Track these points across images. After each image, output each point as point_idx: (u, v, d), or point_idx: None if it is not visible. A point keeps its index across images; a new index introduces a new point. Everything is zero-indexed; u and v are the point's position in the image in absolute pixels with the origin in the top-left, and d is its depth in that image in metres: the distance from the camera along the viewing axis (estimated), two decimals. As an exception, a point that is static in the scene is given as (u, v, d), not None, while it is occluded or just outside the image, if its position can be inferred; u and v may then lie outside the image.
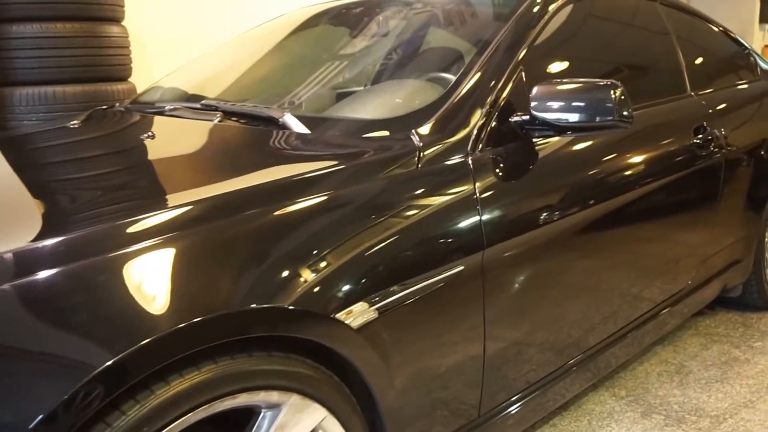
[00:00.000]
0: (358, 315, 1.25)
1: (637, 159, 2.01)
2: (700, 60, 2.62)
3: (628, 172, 1.97)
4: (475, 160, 1.56)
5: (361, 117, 1.75)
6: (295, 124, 1.67)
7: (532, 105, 1.61)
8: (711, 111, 2.44)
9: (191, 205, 1.20)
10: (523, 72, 1.76)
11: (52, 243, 1.08)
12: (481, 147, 1.59)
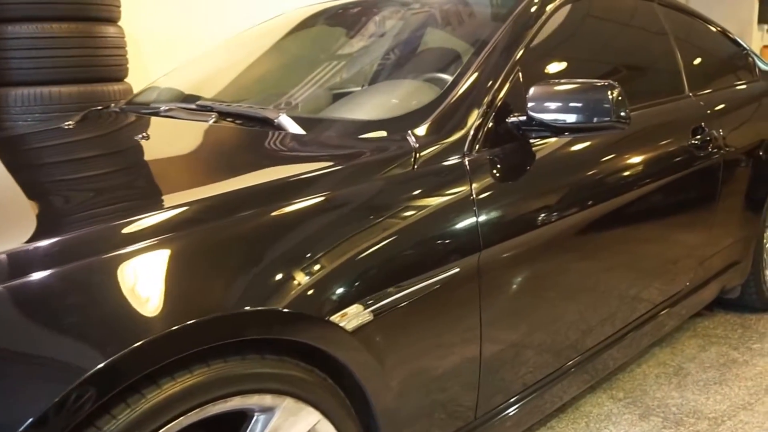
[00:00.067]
0: (352, 317, 1.24)
1: (635, 160, 2.00)
2: (698, 60, 2.62)
3: (625, 173, 1.96)
4: (472, 161, 1.55)
5: (358, 118, 1.74)
6: (291, 125, 1.67)
7: (529, 106, 1.61)
8: (709, 112, 2.43)
9: (186, 207, 1.19)
10: (521, 72, 1.75)
11: (46, 244, 1.07)
12: (478, 148, 1.58)
